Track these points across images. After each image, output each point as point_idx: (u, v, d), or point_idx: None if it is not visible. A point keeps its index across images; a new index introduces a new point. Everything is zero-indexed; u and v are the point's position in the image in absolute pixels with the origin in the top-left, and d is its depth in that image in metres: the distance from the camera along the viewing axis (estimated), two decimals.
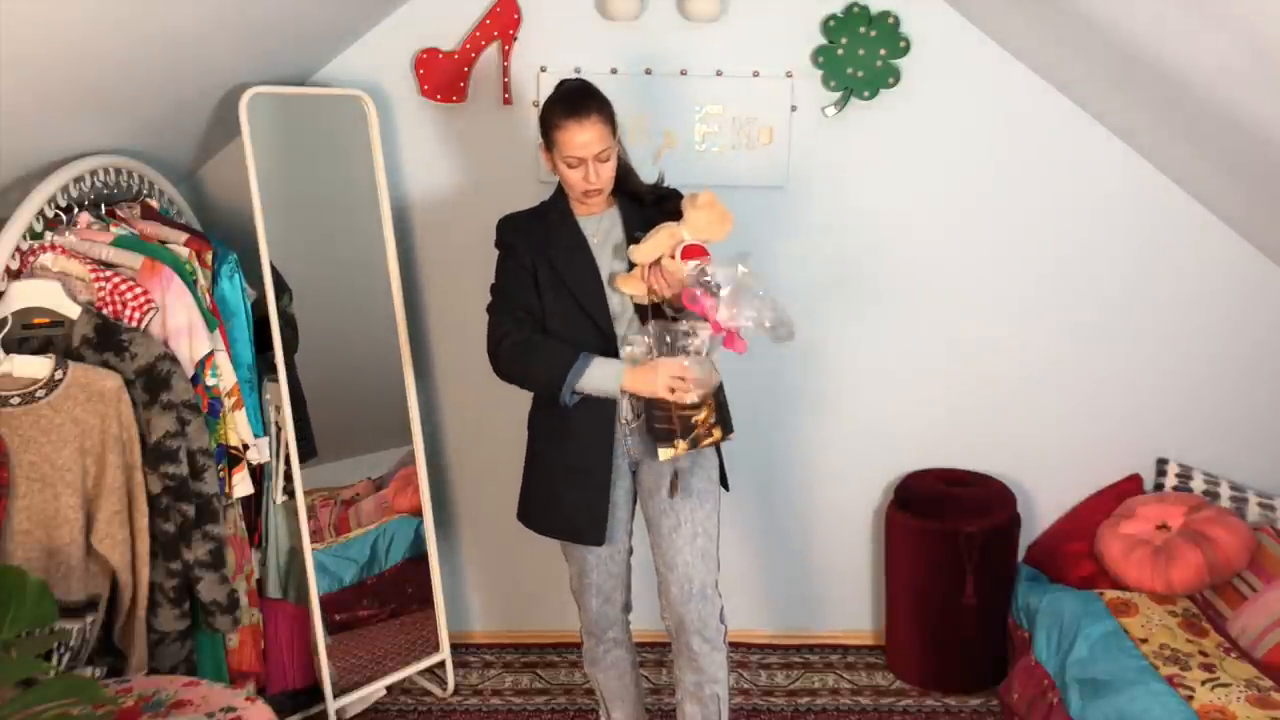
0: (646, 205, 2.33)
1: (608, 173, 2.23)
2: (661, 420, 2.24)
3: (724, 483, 2.45)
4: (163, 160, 2.75)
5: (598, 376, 2.21)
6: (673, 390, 2.18)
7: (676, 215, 2.23)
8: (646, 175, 2.44)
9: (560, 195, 2.36)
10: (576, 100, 2.19)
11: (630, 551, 2.47)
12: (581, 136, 2.16)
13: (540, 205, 2.39)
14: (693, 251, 2.18)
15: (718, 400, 2.29)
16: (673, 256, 2.19)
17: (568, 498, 2.33)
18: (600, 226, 2.32)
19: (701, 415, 2.25)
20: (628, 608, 2.52)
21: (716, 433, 2.29)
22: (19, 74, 1.90)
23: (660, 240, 2.20)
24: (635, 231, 2.27)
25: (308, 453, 2.80)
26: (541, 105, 2.27)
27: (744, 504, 3.23)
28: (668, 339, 2.21)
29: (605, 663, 2.56)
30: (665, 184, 2.41)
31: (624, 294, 2.28)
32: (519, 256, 2.31)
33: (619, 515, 2.38)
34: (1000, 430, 3.22)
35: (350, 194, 2.89)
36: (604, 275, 2.29)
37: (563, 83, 2.29)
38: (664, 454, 2.24)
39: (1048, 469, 3.23)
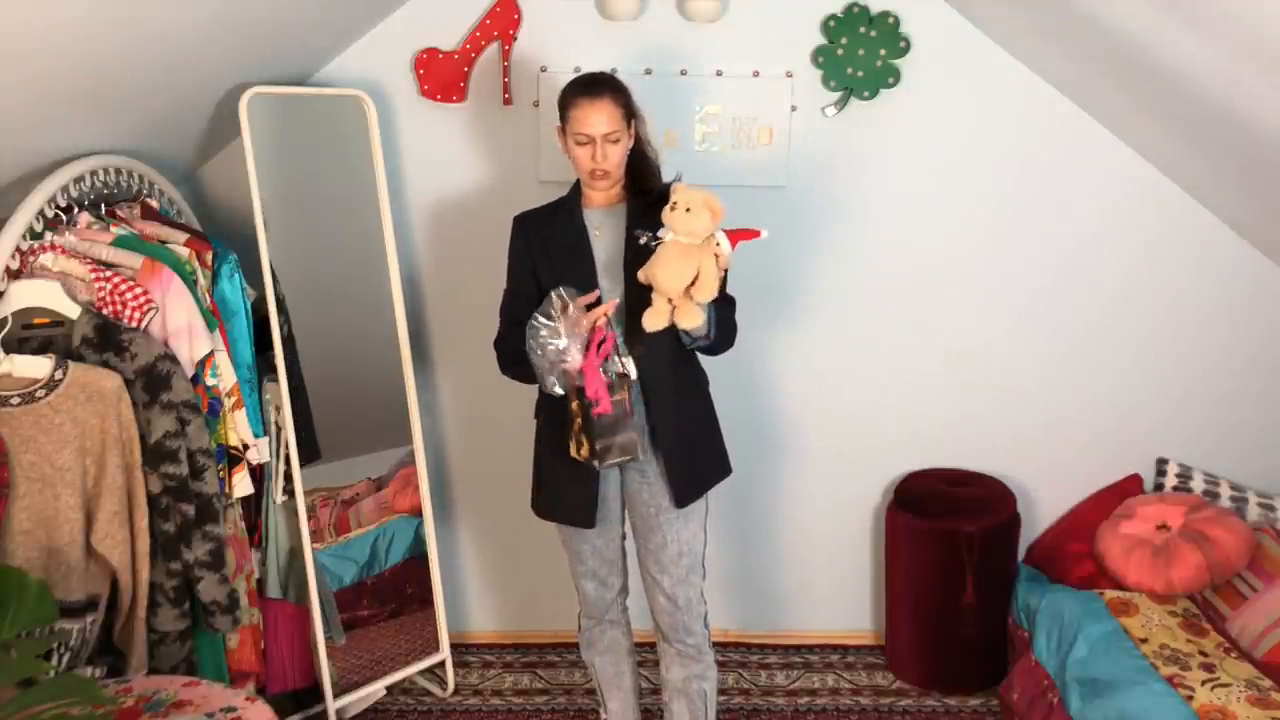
0: (652, 204, 2.33)
1: (615, 155, 2.27)
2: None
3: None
4: (163, 160, 2.74)
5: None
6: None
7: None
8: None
9: (575, 191, 2.39)
10: (591, 81, 2.30)
11: (624, 537, 2.50)
12: (592, 115, 2.23)
13: (559, 200, 2.42)
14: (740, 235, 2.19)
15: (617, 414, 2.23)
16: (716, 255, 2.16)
17: (561, 483, 2.39)
18: (605, 220, 2.35)
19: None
20: (625, 591, 2.56)
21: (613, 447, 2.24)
22: (19, 74, 1.90)
23: (686, 261, 2.14)
24: (635, 230, 2.27)
25: (310, 455, 2.80)
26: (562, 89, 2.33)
27: (744, 503, 3.23)
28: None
29: (601, 645, 2.59)
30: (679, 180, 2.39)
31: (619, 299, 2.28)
32: (521, 258, 2.39)
33: (611, 505, 2.42)
34: (1000, 430, 3.21)
35: (350, 194, 2.88)
36: (600, 270, 2.31)
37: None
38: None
39: (1048, 469, 3.22)
